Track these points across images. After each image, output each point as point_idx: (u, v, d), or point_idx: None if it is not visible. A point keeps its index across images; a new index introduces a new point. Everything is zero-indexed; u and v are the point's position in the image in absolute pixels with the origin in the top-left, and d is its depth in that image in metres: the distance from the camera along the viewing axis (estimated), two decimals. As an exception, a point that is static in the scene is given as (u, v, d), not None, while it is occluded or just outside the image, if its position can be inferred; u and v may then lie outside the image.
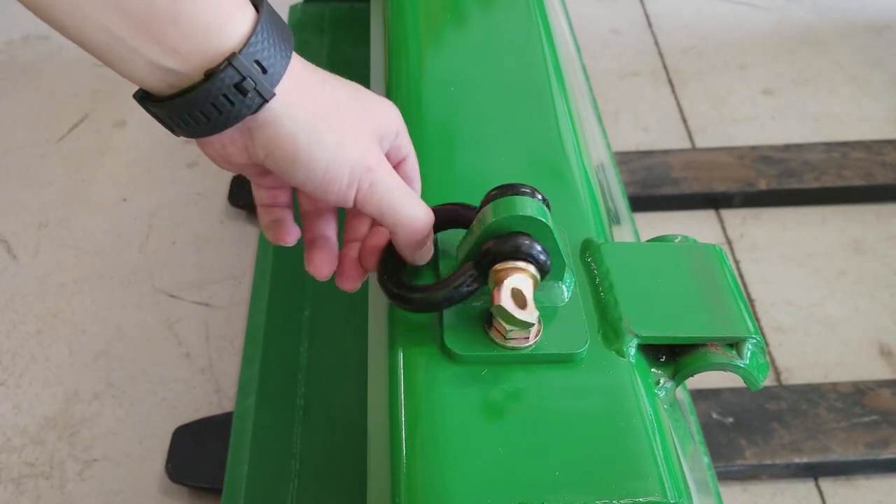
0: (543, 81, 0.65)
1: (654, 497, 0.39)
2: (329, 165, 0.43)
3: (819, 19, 1.70)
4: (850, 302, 1.21)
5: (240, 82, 0.40)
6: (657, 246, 0.52)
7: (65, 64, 1.59)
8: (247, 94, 0.40)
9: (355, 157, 0.44)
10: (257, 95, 0.40)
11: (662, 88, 1.56)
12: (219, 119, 0.41)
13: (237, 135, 0.43)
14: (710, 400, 1.03)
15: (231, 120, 0.41)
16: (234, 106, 0.40)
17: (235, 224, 1.31)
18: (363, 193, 0.45)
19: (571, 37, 1.06)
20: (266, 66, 0.40)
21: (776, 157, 1.35)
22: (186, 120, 0.41)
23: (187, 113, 0.41)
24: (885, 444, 1.00)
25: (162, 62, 0.39)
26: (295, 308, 1.04)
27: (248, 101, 0.40)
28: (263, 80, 0.40)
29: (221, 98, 0.40)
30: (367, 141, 0.45)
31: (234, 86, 0.40)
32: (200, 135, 0.43)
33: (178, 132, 0.43)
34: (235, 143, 0.44)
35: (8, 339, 1.17)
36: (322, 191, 0.45)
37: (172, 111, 0.41)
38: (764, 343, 0.48)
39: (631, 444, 0.42)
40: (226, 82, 0.40)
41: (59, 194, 1.36)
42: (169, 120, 0.42)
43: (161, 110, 0.42)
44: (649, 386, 0.46)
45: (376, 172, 0.45)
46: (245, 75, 0.40)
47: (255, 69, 0.40)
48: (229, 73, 0.39)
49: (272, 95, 0.41)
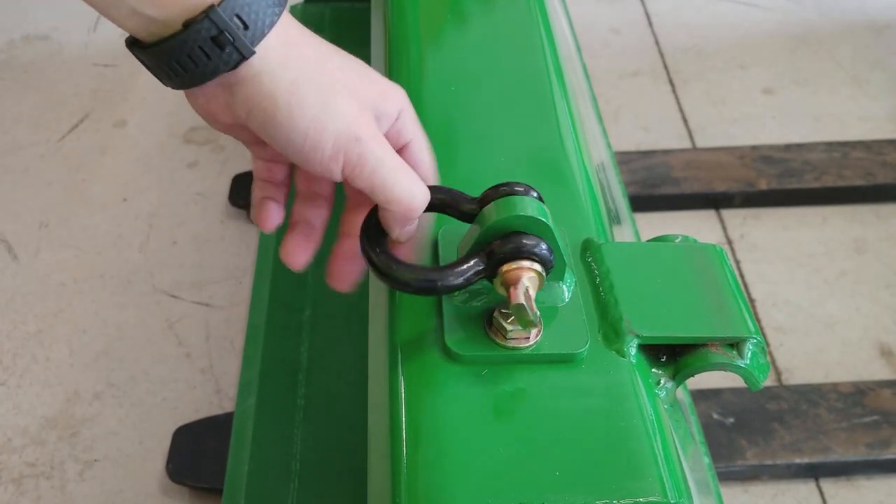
0: (544, 81, 0.65)
1: (655, 497, 0.39)
2: (309, 130, 0.41)
3: (819, 19, 1.70)
4: (850, 302, 1.21)
5: (216, 35, 0.39)
6: (658, 246, 0.52)
7: (65, 64, 1.59)
8: (224, 48, 0.39)
9: (341, 125, 0.42)
10: (235, 51, 0.40)
11: (663, 88, 1.56)
12: (195, 72, 0.40)
13: (219, 90, 0.42)
14: (710, 400, 1.03)
15: (208, 74, 0.40)
16: (211, 60, 0.40)
17: (236, 224, 1.31)
18: (351, 166, 0.43)
19: (572, 36, 1.06)
20: (248, 21, 0.40)
21: (777, 157, 1.35)
22: (166, 70, 0.41)
23: (166, 63, 0.41)
24: (885, 444, 1.00)
25: (143, 9, 0.39)
26: (295, 308, 1.04)
27: (225, 56, 0.40)
28: (243, 35, 0.40)
29: (197, 50, 0.39)
30: (357, 110, 0.43)
31: (210, 38, 0.39)
32: (181, 86, 0.42)
33: (164, 82, 0.43)
34: (217, 99, 0.43)
35: (8, 339, 1.17)
36: (303, 158, 0.43)
37: (154, 59, 0.41)
38: (764, 343, 0.48)
39: (631, 444, 0.42)
40: (202, 34, 0.39)
41: (59, 194, 1.36)
42: (154, 68, 0.42)
43: (145, 57, 0.42)
44: (650, 386, 0.46)
45: (366, 144, 0.43)
46: (222, 29, 0.39)
47: (235, 23, 0.39)
48: (206, 25, 0.39)
49: (251, 53, 0.40)
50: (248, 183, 1.34)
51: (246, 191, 1.32)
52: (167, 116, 1.49)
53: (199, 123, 1.47)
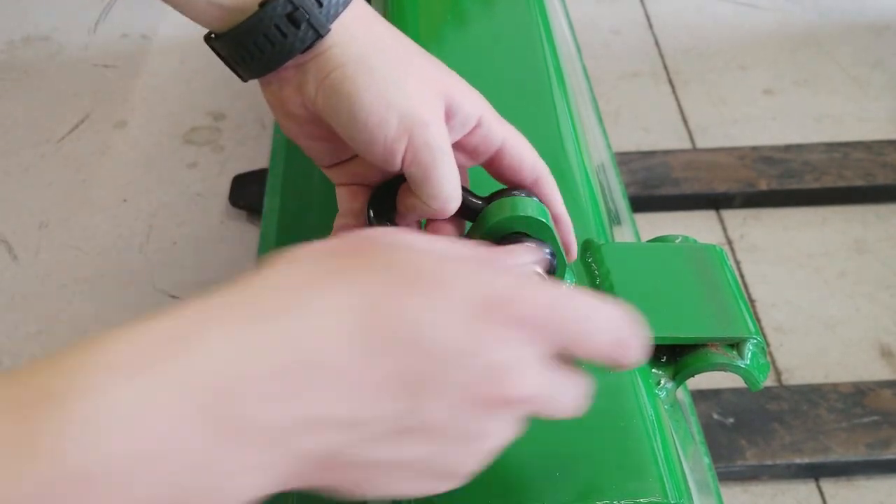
0: (544, 82, 0.65)
1: (655, 497, 0.39)
2: (373, 106, 0.39)
3: (820, 20, 1.70)
4: (850, 302, 1.21)
5: (292, 12, 0.39)
6: (658, 246, 0.52)
7: (65, 64, 1.59)
8: (300, 25, 0.40)
9: (408, 104, 0.40)
10: (310, 28, 0.40)
11: (663, 88, 1.56)
12: (272, 52, 0.41)
13: (291, 72, 0.42)
14: (710, 400, 1.03)
15: (285, 54, 0.41)
16: (287, 38, 0.40)
17: (236, 224, 1.31)
18: (414, 152, 0.40)
19: (572, 37, 1.06)
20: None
21: (777, 158, 1.35)
22: (244, 55, 0.41)
23: (243, 46, 0.41)
24: (885, 444, 1.00)
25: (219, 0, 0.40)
26: (295, 308, 1.04)
27: (301, 33, 0.40)
28: (318, 12, 0.40)
29: (273, 29, 0.40)
30: (428, 96, 0.41)
31: (286, 16, 0.39)
32: (257, 72, 0.42)
33: (240, 71, 0.43)
34: (290, 83, 0.42)
35: (9, 339, 1.17)
36: (367, 138, 0.40)
37: (231, 45, 0.41)
38: (764, 343, 0.48)
39: (632, 444, 0.41)
40: (277, 11, 0.39)
41: (59, 194, 1.36)
42: (229, 57, 0.42)
43: (222, 47, 0.42)
44: (650, 386, 0.46)
45: (433, 131, 0.40)
46: (297, 5, 0.39)
47: (310, 1, 0.40)
48: (281, 2, 0.39)
49: (327, 31, 0.40)
50: (248, 183, 1.34)
51: (246, 191, 1.32)
52: (167, 117, 1.49)
53: (199, 124, 1.47)
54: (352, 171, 0.46)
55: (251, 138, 1.44)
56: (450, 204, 0.42)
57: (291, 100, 0.43)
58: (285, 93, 0.43)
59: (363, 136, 0.40)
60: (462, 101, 0.42)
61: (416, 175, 0.41)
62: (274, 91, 0.43)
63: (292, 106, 0.43)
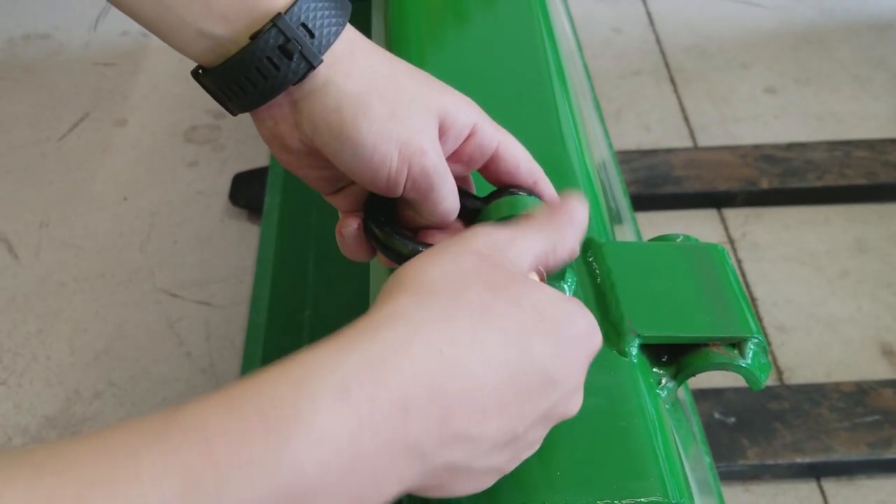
0: (545, 80, 0.65)
1: (656, 497, 0.39)
2: (377, 144, 0.40)
3: (821, 18, 1.70)
4: (852, 301, 1.21)
5: (284, 44, 0.39)
6: (659, 245, 0.52)
7: (65, 63, 1.59)
8: (292, 57, 0.39)
9: (406, 134, 0.41)
10: (303, 60, 0.40)
11: (664, 87, 1.56)
12: (265, 86, 0.40)
13: (286, 109, 0.42)
14: (712, 399, 1.03)
15: (277, 87, 0.40)
16: (280, 71, 0.40)
17: (236, 223, 1.31)
18: (413, 179, 0.42)
19: (573, 35, 1.06)
20: (313, 29, 0.40)
21: (778, 156, 1.35)
22: (235, 89, 0.41)
23: (234, 80, 0.41)
24: (887, 443, 1.00)
25: (210, 29, 0.40)
26: (296, 308, 1.04)
27: (293, 65, 0.40)
28: (310, 44, 0.40)
29: (265, 62, 0.40)
30: (423, 119, 0.42)
31: (278, 48, 0.39)
32: (249, 105, 0.42)
33: (230, 106, 0.43)
34: (286, 120, 0.42)
35: (9, 338, 1.17)
36: (371, 175, 0.41)
37: (221, 80, 0.41)
38: (766, 343, 0.48)
39: (632, 444, 0.41)
40: (270, 43, 0.39)
41: (59, 193, 1.36)
42: (220, 92, 0.42)
43: (212, 81, 0.42)
44: (651, 386, 0.46)
45: (430, 157, 0.41)
46: (290, 37, 0.39)
47: (301, 32, 0.39)
48: (273, 33, 0.39)
49: (319, 62, 0.40)
50: (248, 182, 1.34)
51: (246, 190, 1.32)
52: (168, 115, 1.49)
53: (200, 122, 1.47)
54: (354, 195, 0.47)
55: (252, 137, 1.43)
56: (448, 217, 0.44)
57: (288, 136, 0.43)
58: (281, 129, 0.43)
59: (367, 170, 0.41)
60: (456, 114, 0.43)
61: (418, 197, 0.43)
62: (269, 127, 0.43)
63: (290, 141, 0.43)
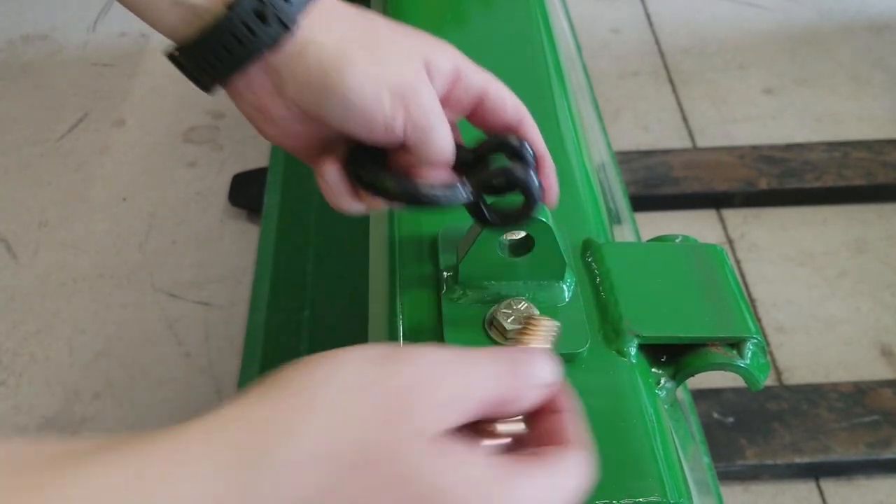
0: (544, 80, 0.65)
1: (655, 497, 0.39)
2: (365, 87, 0.40)
3: (820, 19, 1.70)
4: (851, 302, 1.21)
5: (260, 9, 0.39)
6: (658, 246, 0.52)
7: (64, 63, 1.59)
8: (267, 20, 0.39)
9: (395, 77, 0.40)
10: (278, 23, 0.40)
11: (663, 88, 1.56)
12: (241, 51, 0.40)
13: (265, 78, 0.42)
14: (710, 400, 1.03)
15: (253, 51, 0.40)
16: (256, 35, 0.40)
17: (235, 223, 1.31)
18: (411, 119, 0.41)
19: (572, 36, 1.06)
20: None
21: (777, 157, 1.35)
22: (211, 60, 0.41)
23: (211, 51, 0.40)
24: (886, 444, 1.00)
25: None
26: (295, 308, 1.04)
27: (269, 29, 0.40)
28: (285, 7, 0.40)
29: (241, 27, 0.40)
30: (408, 62, 0.41)
31: (253, 11, 0.39)
32: (224, 73, 0.41)
33: (206, 81, 0.42)
34: (265, 88, 0.42)
35: (8, 338, 1.17)
36: (367, 124, 0.41)
37: (197, 53, 0.41)
38: (765, 343, 0.48)
39: (631, 444, 0.41)
40: (245, 7, 0.39)
41: (58, 193, 1.36)
42: (195, 67, 0.42)
43: (187, 57, 0.41)
44: (650, 386, 0.46)
45: (422, 93, 0.41)
46: (265, 1, 0.39)
47: None
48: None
49: (293, 23, 0.40)
50: (247, 182, 1.34)
51: (245, 190, 1.32)
52: (166, 116, 1.49)
53: (199, 123, 1.47)
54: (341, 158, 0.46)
55: (250, 137, 1.43)
56: (446, 154, 0.43)
57: (272, 105, 0.43)
58: (264, 101, 0.43)
59: (361, 120, 0.41)
60: (439, 58, 0.43)
61: (416, 139, 0.42)
62: (251, 101, 0.43)
63: (275, 111, 0.43)
